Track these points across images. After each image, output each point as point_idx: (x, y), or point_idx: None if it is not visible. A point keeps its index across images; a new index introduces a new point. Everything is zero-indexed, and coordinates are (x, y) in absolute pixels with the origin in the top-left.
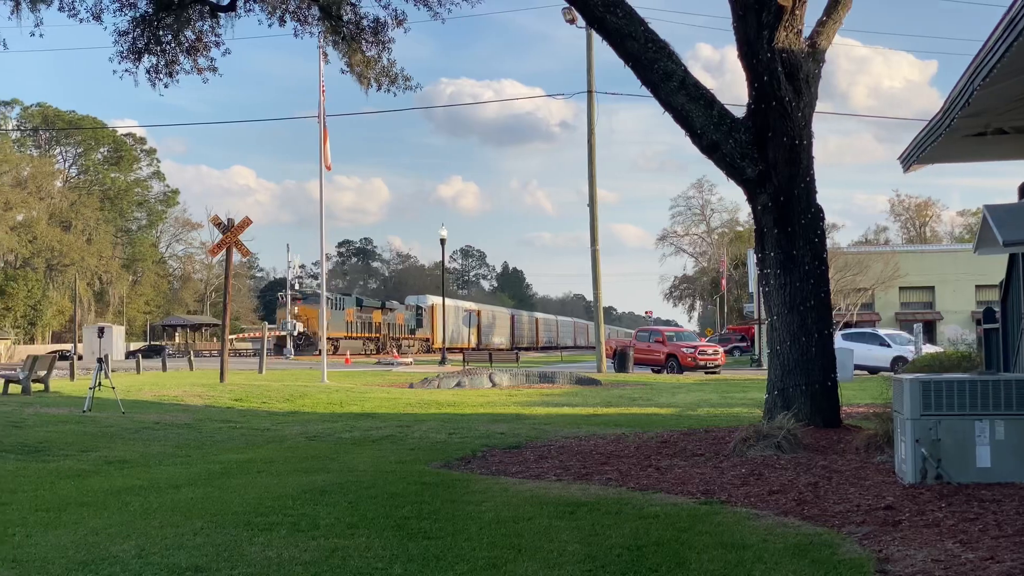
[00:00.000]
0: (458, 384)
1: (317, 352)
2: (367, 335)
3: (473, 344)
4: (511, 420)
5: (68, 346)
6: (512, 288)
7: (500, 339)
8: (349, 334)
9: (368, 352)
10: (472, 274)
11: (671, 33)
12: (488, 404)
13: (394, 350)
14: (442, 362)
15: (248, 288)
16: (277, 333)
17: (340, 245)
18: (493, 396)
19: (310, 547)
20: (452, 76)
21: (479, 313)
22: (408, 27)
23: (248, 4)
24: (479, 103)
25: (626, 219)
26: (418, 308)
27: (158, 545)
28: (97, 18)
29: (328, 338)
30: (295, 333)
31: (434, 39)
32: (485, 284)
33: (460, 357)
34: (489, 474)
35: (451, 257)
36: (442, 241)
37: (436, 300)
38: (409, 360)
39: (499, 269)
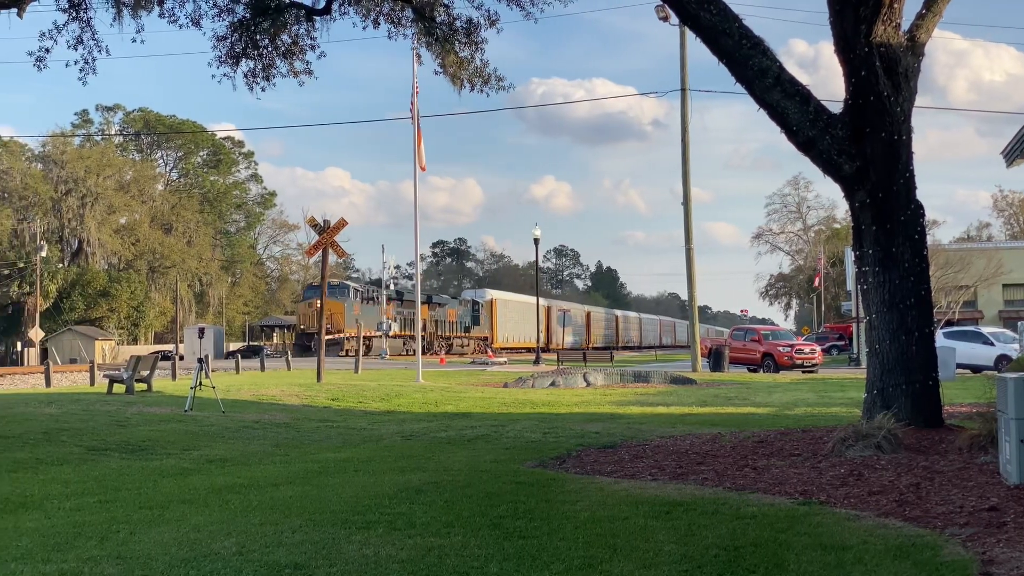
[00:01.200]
0: (552, 384)
1: (343, 352)
2: (409, 333)
3: (567, 344)
4: (606, 419)
5: (170, 347)
6: (606, 287)
7: (574, 338)
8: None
9: (410, 352)
10: (566, 273)
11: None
12: (582, 403)
13: (442, 350)
14: (536, 362)
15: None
16: (297, 330)
17: (434, 245)
18: (587, 395)
19: (407, 545)
20: (543, 76)
21: (569, 312)
22: (501, 27)
23: (343, 7)
24: (571, 102)
25: (720, 217)
26: (474, 304)
27: (258, 542)
28: (196, 24)
29: (354, 336)
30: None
31: (526, 39)
32: (579, 283)
33: (530, 356)
34: (584, 473)
35: (545, 257)
36: (536, 241)
37: (496, 295)
38: (503, 360)
39: (593, 268)
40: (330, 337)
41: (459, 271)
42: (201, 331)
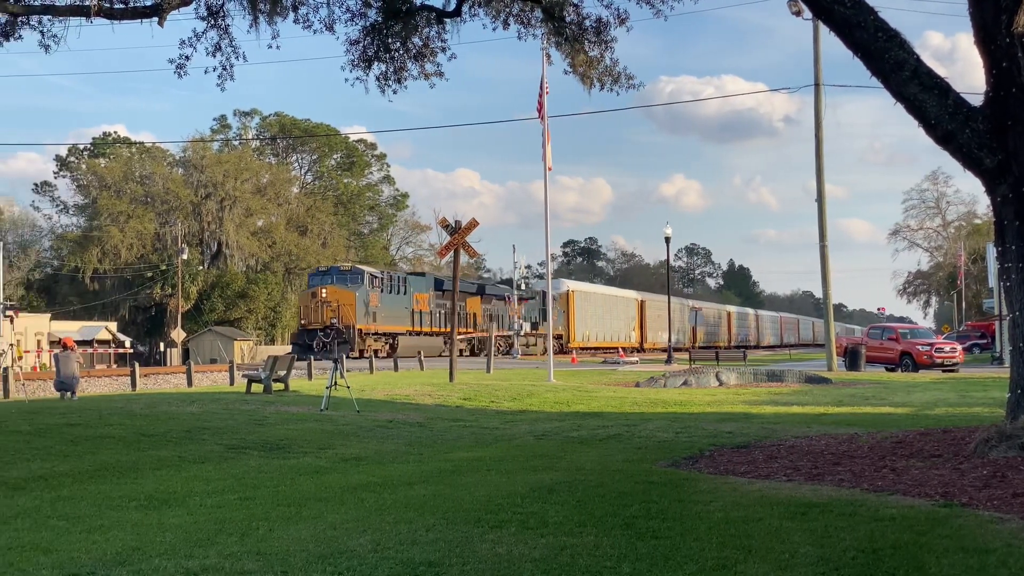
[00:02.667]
0: (684, 383)
1: (354, 353)
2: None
3: (691, 344)
4: (739, 419)
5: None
6: (738, 286)
7: (678, 336)
8: (418, 328)
9: (464, 353)
10: (697, 272)
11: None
12: (715, 403)
13: (498, 351)
14: (668, 361)
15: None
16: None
17: (565, 245)
18: (720, 395)
19: (539, 545)
20: (672, 74)
21: (701, 311)
22: (630, 26)
23: (473, 9)
24: (700, 100)
25: (855, 214)
26: (543, 296)
27: (392, 540)
28: (330, 29)
29: (373, 333)
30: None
31: (654, 37)
32: (711, 282)
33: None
34: (717, 473)
35: (675, 255)
36: (667, 239)
37: (573, 285)
38: (635, 359)
39: (724, 267)
40: (323, 329)
41: (590, 270)
42: (337, 332)
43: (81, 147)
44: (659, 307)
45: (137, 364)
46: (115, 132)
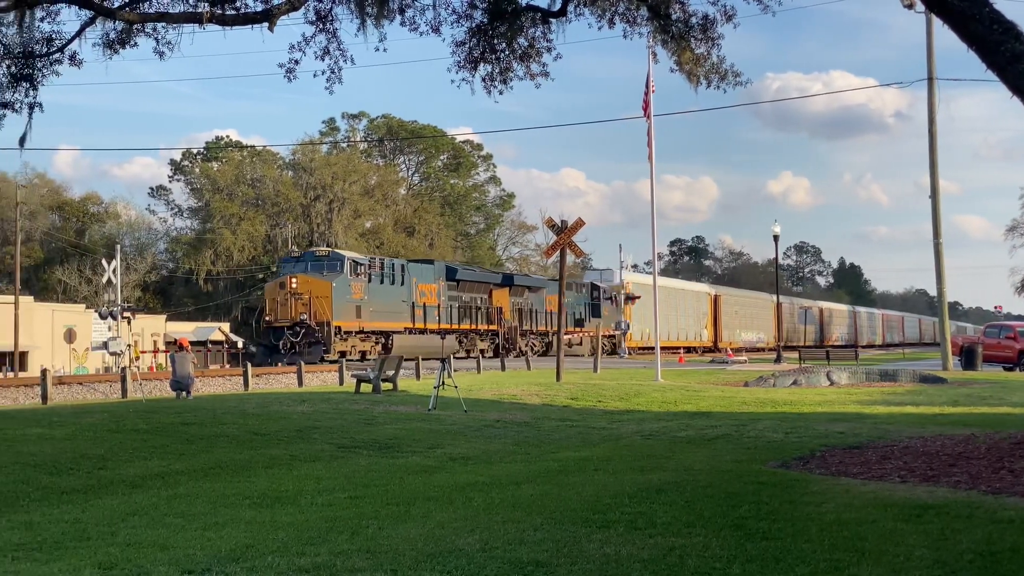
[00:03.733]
0: (794, 383)
1: (325, 355)
2: (471, 327)
3: (811, 341)
4: (851, 419)
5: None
6: (849, 284)
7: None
8: (421, 325)
9: (486, 354)
10: (807, 270)
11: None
12: (826, 403)
13: (529, 349)
14: (777, 360)
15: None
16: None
17: (672, 244)
18: (831, 395)
19: (647, 545)
20: (778, 70)
21: (811, 310)
22: (737, 22)
23: (578, 8)
24: (808, 96)
25: (969, 210)
26: (594, 289)
27: (500, 539)
28: (436, 31)
29: (358, 331)
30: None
31: (760, 33)
32: (821, 280)
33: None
34: (828, 474)
35: (784, 254)
36: (775, 238)
37: (629, 276)
38: (744, 358)
39: (835, 265)
40: (291, 327)
41: (697, 269)
42: (443, 334)
43: (194, 151)
44: (739, 302)
45: (249, 364)
46: (227, 136)
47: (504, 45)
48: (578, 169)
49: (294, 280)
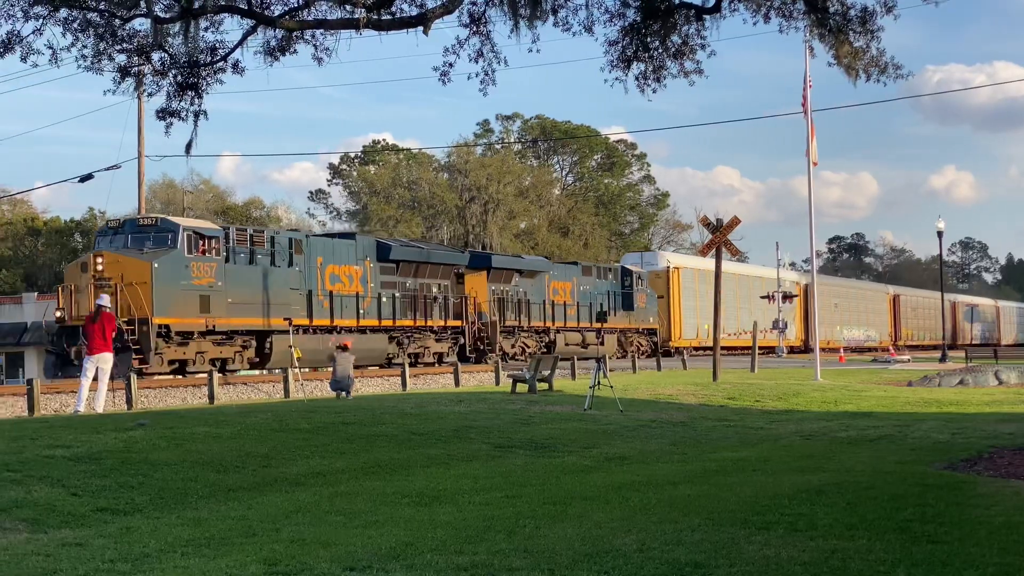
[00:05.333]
0: (960, 382)
1: (131, 368)
2: (420, 323)
3: (977, 340)
4: (1021, 420)
5: None
6: (1018, 280)
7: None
8: (327, 321)
9: (447, 357)
10: (973, 267)
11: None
12: (994, 403)
13: (519, 351)
14: (942, 359)
15: None
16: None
17: (830, 241)
18: (999, 395)
19: (808, 548)
20: (939, 62)
21: (978, 307)
22: (897, 14)
23: (732, 4)
24: (971, 88)
25: None
26: (625, 275)
27: (658, 540)
28: (588, 30)
29: (208, 331)
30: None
31: (920, 24)
32: (988, 277)
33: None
34: (998, 476)
35: (948, 250)
36: (939, 233)
37: (678, 261)
38: (906, 357)
39: (1002, 261)
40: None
41: (857, 267)
42: (599, 333)
43: (352, 155)
44: (837, 294)
45: (406, 365)
46: (383, 140)
47: (657, 43)
48: (732, 167)
49: (99, 260)
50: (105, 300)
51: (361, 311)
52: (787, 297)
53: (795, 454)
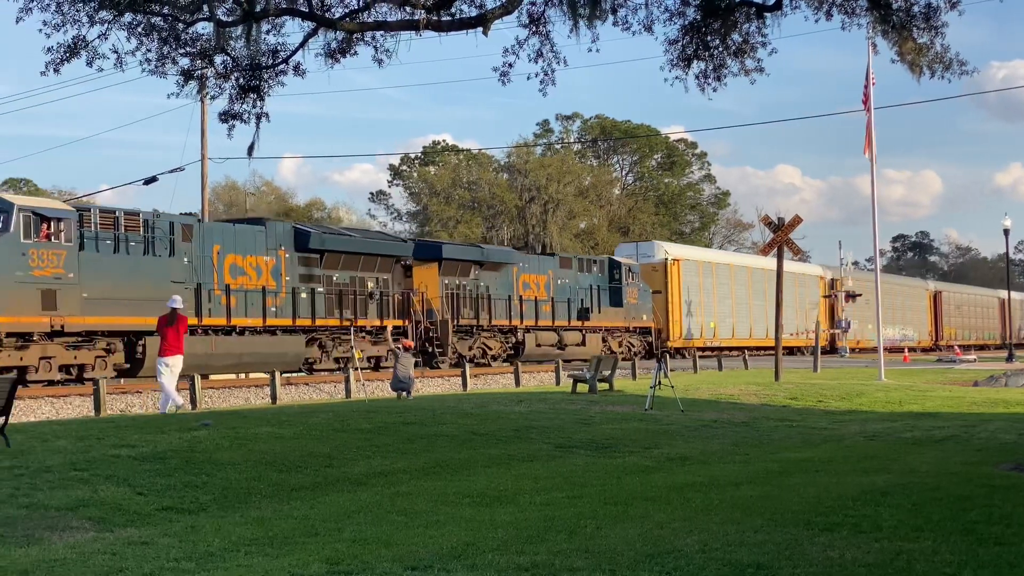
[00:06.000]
0: None
1: None
2: (347, 322)
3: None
4: None
5: None
6: None
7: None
8: (223, 320)
9: (385, 361)
10: None
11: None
12: None
13: (480, 353)
14: (1009, 359)
15: None
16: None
17: (894, 240)
18: None
19: (872, 549)
20: (1004, 58)
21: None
22: (962, 10)
23: (794, 2)
24: None
25: None
26: (613, 267)
27: (719, 541)
28: (648, 29)
29: (51, 334)
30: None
31: (986, 19)
32: None
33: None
34: None
35: (1016, 248)
36: (1005, 231)
37: (678, 252)
38: (972, 357)
39: None
40: None
41: (922, 265)
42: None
43: (412, 156)
44: (868, 289)
45: (467, 365)
46: (443, 140)
47: (718, 41)
48: (793, 165)
49: None
50: (178, 301)
51: (272, 309)
52: (850, 296)
53: (859, 455)
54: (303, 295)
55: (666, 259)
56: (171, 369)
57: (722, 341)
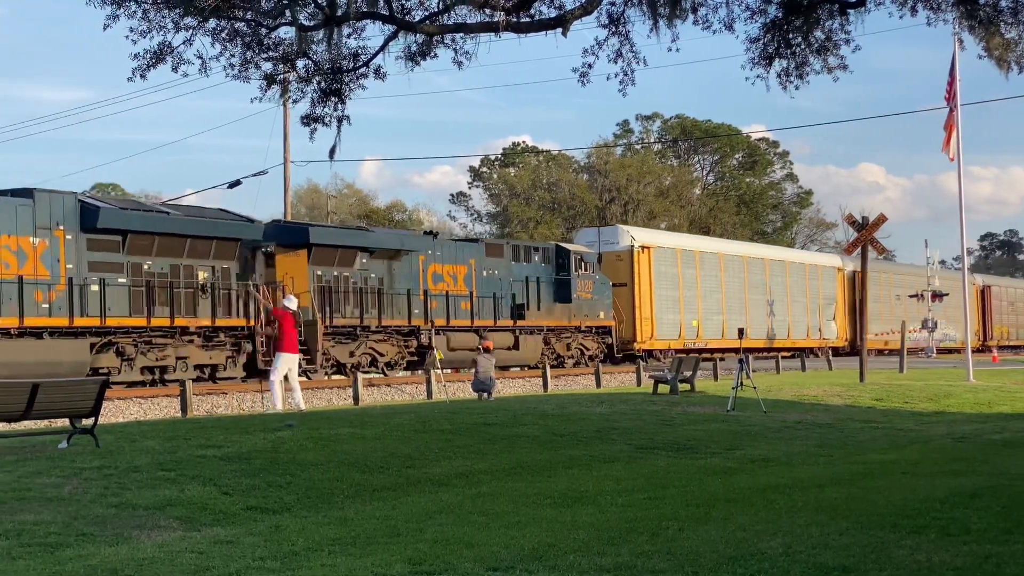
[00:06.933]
0: None
1: None
2: (164, 323)
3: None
4: None
5: None
6: None
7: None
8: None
9: (223, 369)
10: None
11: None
12: None
13: (367, 361)
14: None
15: None
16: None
17: (982, 239)
18: None
19: (961, 552)
20: None
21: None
22: None
23: None
24: None
25: None
26: (560, 255)
27: (804, 543)
28: (729, 28)
29: None
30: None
31: None
32: None
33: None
34: None
35: None
36: None
37: (644, 238)
38: None
39: None
40: None
41: (1011, 264)
42: (740, 332)
43: (492, 158)
44: (899, 283)
45: (548, 366)
46: (523, 142)
47: (800, 39)
48: (877, 164)
49: None
50: (293, 302)
51: (44, 305)
52: (936, 296)
53: (947, 457)
54: (93, 287)
55: (632, 246)
56: (290, 368)
57: (709, 342)
